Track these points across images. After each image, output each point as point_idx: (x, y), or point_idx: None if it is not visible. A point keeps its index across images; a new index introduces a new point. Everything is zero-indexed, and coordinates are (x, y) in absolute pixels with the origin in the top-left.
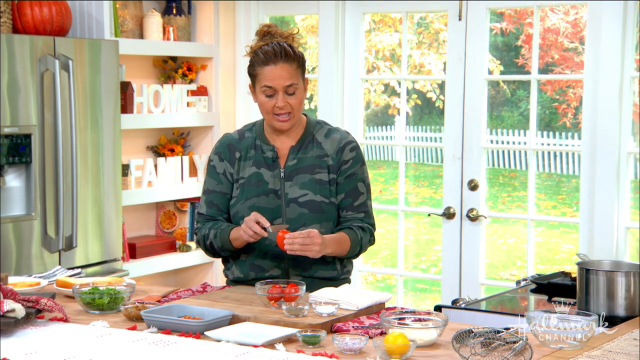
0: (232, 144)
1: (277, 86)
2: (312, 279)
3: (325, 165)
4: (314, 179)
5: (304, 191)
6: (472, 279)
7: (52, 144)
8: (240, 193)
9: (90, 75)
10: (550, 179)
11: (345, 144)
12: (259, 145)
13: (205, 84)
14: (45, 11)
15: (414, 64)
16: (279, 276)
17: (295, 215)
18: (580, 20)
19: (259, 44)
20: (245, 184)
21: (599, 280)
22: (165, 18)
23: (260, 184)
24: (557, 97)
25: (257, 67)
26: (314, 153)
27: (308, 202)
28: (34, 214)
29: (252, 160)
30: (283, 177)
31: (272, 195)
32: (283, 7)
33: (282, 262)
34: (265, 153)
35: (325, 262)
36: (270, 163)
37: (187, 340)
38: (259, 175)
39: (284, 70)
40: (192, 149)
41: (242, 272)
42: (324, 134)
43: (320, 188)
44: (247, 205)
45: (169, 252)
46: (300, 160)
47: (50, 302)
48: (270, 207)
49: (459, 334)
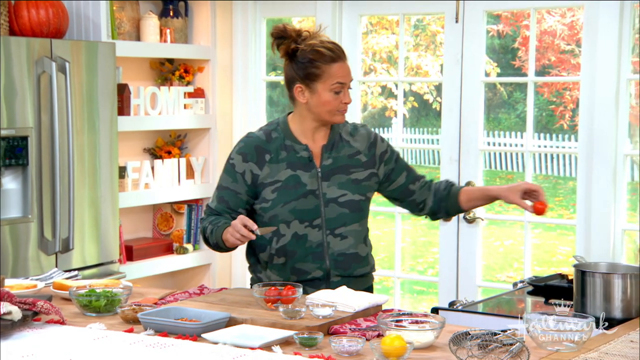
0: (260, 146)
1: (347, 81)
2: (350, 277)
3: (359, 163)
4: (350, 179)
5: (342, 191)
6: (469, 281)
7: (48, 146)
8: (278, 196)
9: (87, 78)
10: (547, 181)
11: (374, 138)
12: (290, 146)
13: (202, 86)
14: (42, 13)
15: (411, 66)
16: (320, 278)
17: (336, 215)
18: (577, 23)
19: (310, 42)
20: (282, 187)
21: (595, 283)
22: (162, 20)
23: (299, 186)
24: (554, 99)
25: (323, 65)
26: (345, 152)
27: (348, 202)
28: (31, 216)
29: (285, 162)
30: (320, 176)
31: (311, 195)
32: (280, 9)
33: (324, 263)
34: (299, 153)
35: (361, 258)
36: (305, 163)
37: (184, 342)
38: (296, 177)
39: (347, 66)
40: (189, 151)
41: (281, 275)
42: (350, 132)
43: (357, 187)
44: (287, 209)
45: (166, 254)
46: (335, 159)
47: (47, 305)
48: (310, 208)
49: (456, 336)
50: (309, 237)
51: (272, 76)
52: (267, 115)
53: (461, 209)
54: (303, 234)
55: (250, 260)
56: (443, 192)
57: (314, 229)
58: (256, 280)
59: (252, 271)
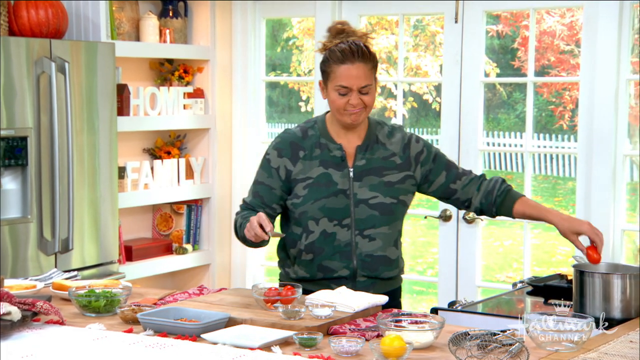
0: (295, 142)
1: (353, 86)
2: (377, 279)
3: (393, 165)
4: (382, 182)
5: (374, 193)
6: (468, 282)
7: (48, 146)
8: (309, 193)
9: (86, 78)
10: (547, 182)
11: (408, 139)
12: (325, 144)
13: (201, 86)
14: (42, 13)
15: (411, 67)
16: (347, 277)
17: (365, 216)
18: (576, 23)
19: (335, 41)
20: (313, 184)
21: (595, 283)
22: (161, 20)
23: (330, 185)
24: (554, 99)
25: (332, 64)
26: (380, 154)
27: (379, 205)
28: (30, 217)
29: (318, 160)
30: (352, 177)
31: (341, 195)
32: (280, 10)
33: (351, 262)
34: (332, 152)
35: (390, 261)
36: (338, 162)
37: (183, 342)
38: (328, 175)
39: (359, 69)
40: (189, 152)
41: (308, 271)
42: (386, 135)
43: (390, 190)
44: (317, 206)
45: (166, 254)
46: (369, 160)
47: (46, 305)
48: (340, 207)
49: (455, 336)
50: (337, 235)
51: (271, 76)
52: (266, 116)
53: (511, 216)
54: (332, 232)
55: (280, 255)
56: (497, 196)
57: (343, 228)
58: (284, 275)
59: (281, 266)
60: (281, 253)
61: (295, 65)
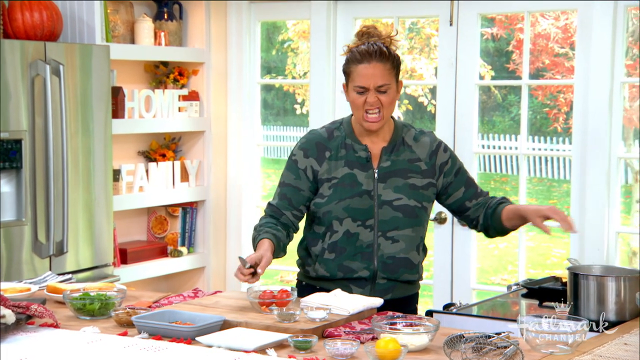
0: (321, 143)
1: (369, 85)
2: (397, 282)
3: (418, 170)
4: (407, 184)
5: (398, 195)
6: (463, 284)
7: (42, 149)
8: (333, 193)
9: (81, 80)
10: (542, 184)
11: (436, 146)
12: (350, 145)
13: (196, 89)
14: (36, 16)
15: (406, 69)
16: (367, 277)
17: (389, 218)
18: (571, 26)
19: (357, 43)
20: (338, 184)
21: (589, 285)
22: (156, 23)
23: (355, 185)
24: (548, 102)
25: (351, 65)
26: (405, 156)
27: (403, 206)
28: (25, 220)
29: (344, 160)
30: (377, 178)
31: (366, 196)
32: (275, 12)
33: (371, 264)
34: (358, 152)
35: (412, 265)
36: (363, 163)
37: (178, 346)
38: (353, 176)
39: (377, 69)
40: (184, 154)
41: (328, 270)
42: (413, 137)
43: (414, 193)
44: (341, 206)
45: (161, 257)
46: (394, 162)
47: (40, 308)
48: (364, 208)
49: (450, 339)
50: (360, 236)
51: (266, 79)
52: (261, 119)
53: (507, 229)
54: (355, 232)
55: (301, 253)
56: (489, 210)
57: (366, 229)
58: (302, 274)
59: (301, 265)
60: (302, 252)
61: (291, 68)
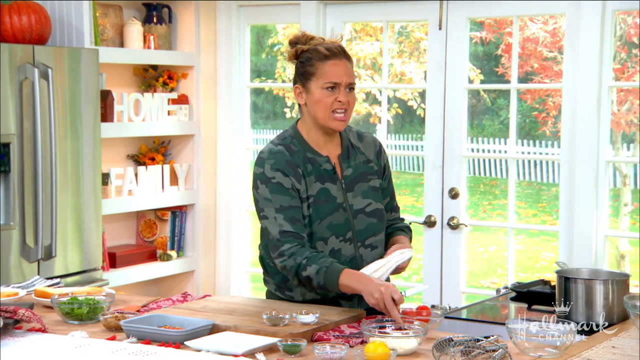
0: (290, 160)
1: (341, 81)
2: None
3: (373, 171)
4: (370, 187)
5: (367, 200)
6: (453, 287)
7: (31, 153)
8: (314, 212)
9: (70, 84)
10: (531, 187)
11: (379, 146)
12: (313, 158)
13: (186, 92)
14: (25, 20)
15: (395, 73)
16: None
17: (365, 226)
18: (559, 30)
19: (311, 42)
20: (316, 202)
21: (577, 289)
22: (145, 27)
23: (330, 200)
24: (537, 105)
25: (316, 63)
26: (360, 159)
27: (374, 211)
28: (13, 224)
29: (314, 176)
30: (344, 188)
31: (341, 209)
32: (264, 16)
33: None
34: (322, 165)
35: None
36: (331, 175)
37: (167, 350)
38: (326, 190)
39: (345, 66)
40: (173, 158)
41: (318, 293)
42: (357, 138)
43: (377, 195)
44: (324, 225)
45: (150, 261)
46: (354, 168)
47: (28, 313)
48: (341, 223)
49: (439, 342)
50: (342, 251)
51: (256, 83)
52: (251, 122)
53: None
54: (338, 248)
55: (278, 278)
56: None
57: (347, 242)
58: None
59: (279, 290)
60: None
61: (280, 72)
